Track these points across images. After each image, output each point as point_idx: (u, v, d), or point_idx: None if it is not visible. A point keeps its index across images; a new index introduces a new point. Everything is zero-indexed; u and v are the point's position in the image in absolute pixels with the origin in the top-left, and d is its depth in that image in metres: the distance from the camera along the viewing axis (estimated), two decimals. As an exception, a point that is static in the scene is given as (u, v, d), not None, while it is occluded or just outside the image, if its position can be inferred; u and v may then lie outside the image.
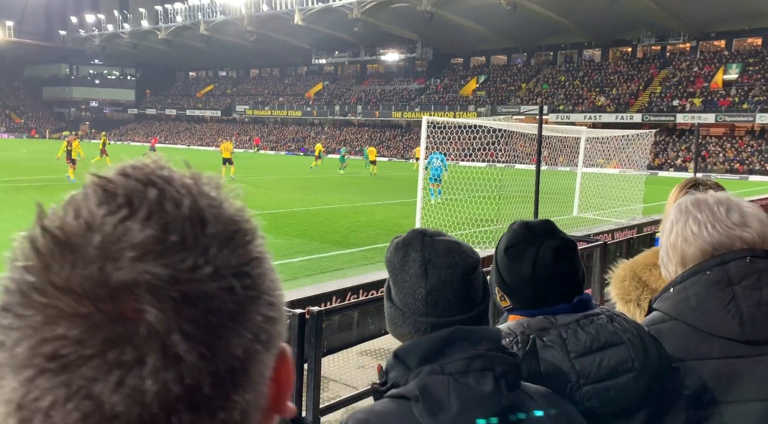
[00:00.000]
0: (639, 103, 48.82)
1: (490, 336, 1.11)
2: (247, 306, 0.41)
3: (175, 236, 0.39)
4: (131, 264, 0.37)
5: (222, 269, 0.40)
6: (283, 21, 60.13)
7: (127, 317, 0.37)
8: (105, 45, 79.88)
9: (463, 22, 51.92)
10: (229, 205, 0.44)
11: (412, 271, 1.13)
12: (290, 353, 0.47)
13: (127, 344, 0.37)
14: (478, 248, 11.35)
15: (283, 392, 0.46)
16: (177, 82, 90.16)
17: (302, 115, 68.55)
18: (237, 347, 0.40)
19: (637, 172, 18.65)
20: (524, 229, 1.43)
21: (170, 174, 0.42)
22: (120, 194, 0.40)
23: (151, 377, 0.37)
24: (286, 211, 15.95)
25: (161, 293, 0.37)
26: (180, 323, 0.38)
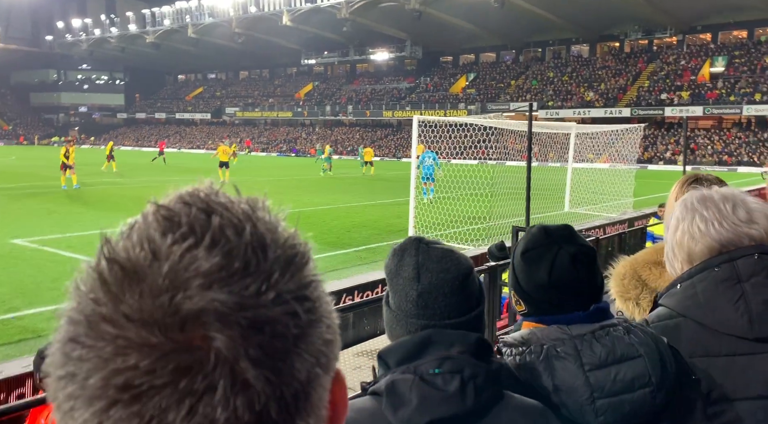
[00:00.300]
0: (627, 98, 49.13)
1: (464, 340, 1.13)
2: (308, 330, 0.41)
3: (239, 262, 0.40)
4: (200, 293, 0.38)
5: (284, 293, 0.40)
6: (272, 22, 60.02)
7: (197, 345, 0.37)
8: (92, 49, 79.37)
9: (451, 20, 52.04)
10: (284, 229, 0.44)
11: (406, 274, 1.18)
12: (344, 375, 0.47)
13: (197, 372, 0.37)
14: (470, 245, 11.43)
15: (339, 415, 0.46)
16: (166, 85, 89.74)
17: (293, 115, 68.45)
18: (301, 372, 0.40)
19: (627, 166, 18.77)
20: (542, 233, 1.42)
21: (227, 201, 0.43)
22: (183, 223, 0.41)
23: (221, 404, 0.37)
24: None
25: (228, 319, 0.38)
26: (247, 349, 0.38)
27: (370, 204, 18.32)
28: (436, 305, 1.15)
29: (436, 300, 1.15)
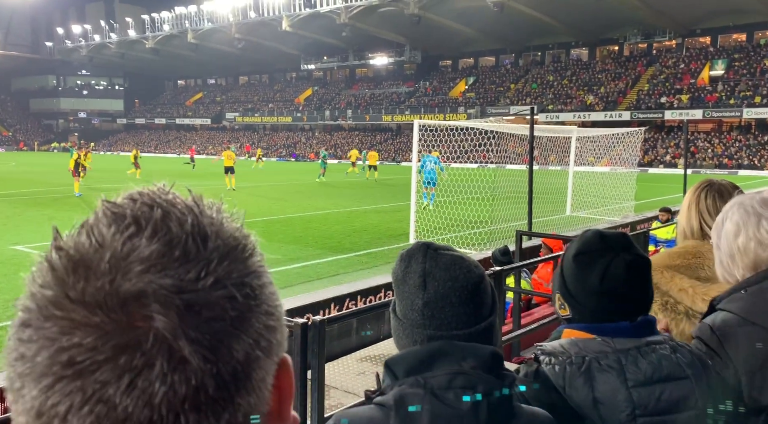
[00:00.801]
0: (627, 101, 49.15)
1: (479, 353, 1.09)
2: (247, 314, 0.44)
3: (179, 250, 0.42)
4: (139, 276, 0.41)
5: (223, 279, 0.43)
6: (271, 27, 60.14)
7: (137, 325, 0.40)
8: (92, 55, 79.52)
9: (450, 24, 52.13)
10: (229, 224, 0.47)
11: (412, 282, 1.13)
12: (291, 362, 0.50)
13: (136, 349, 0.39)
14: (472, 249, 11.35)
15: (285, 400, 0.49)
16: (166, 90, 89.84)
17: (292, 120, 68.49)
18: (238, 352, 0.43)
19: (628, 169, 18.74)
20: (598, 237, 1.36)
21: (173, 197, 0.46)
22: (128, 215, 0.44)
23: (159, 379, 0.39)
24: (280, 217, 15.91)
25: (167, 301, 0.40)
26: (185, 329, 0.40)
27: (371, 209, 18.25)
28: (442, 315, 1.10)
29: (443, 310, 1.10)
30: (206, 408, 0.41)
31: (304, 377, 2.61)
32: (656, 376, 1.23)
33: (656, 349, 1.27)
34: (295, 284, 8.99)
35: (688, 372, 1.24)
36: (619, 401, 1.21)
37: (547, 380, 1.28)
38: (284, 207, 18.16)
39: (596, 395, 1.22)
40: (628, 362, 1.24)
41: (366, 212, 17.54)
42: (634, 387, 1.22)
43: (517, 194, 16.10)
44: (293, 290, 8.35)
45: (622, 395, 1.22)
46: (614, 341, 1.28)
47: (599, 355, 1.26)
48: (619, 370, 1.23)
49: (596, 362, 1.25)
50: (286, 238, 12.78)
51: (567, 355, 1.28)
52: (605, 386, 1.23)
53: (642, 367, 1.24)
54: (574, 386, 1.24)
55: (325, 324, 2.55)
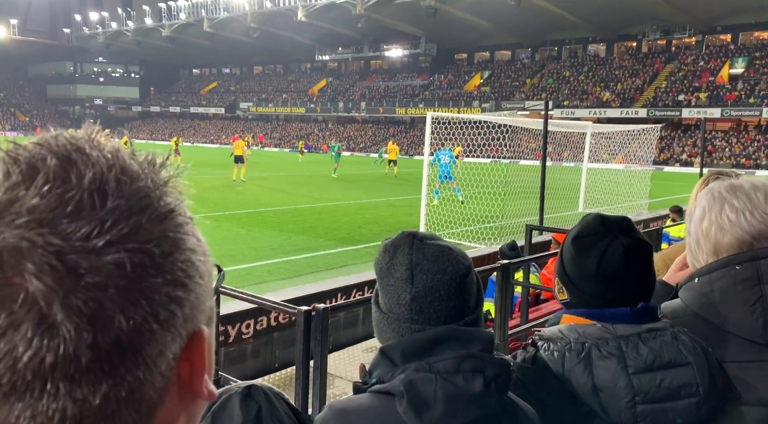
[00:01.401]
0: (644, 98, 48.59)
1: (483, 337, 1.07)
2: (141, 283, 0.40)
3: (71, 206, 0.39)
4: (16, 229, 0.37)
5: (116, 243, 0.39)
6: (287, 17, 60.05)
7: (7, 283, 0.37)
8: (109, 43, 79.97)
9: (467, 17, 51.74)
10: (150, 182, 0.43)
11: (398, 275, 1.09)
12: (207, 334, 0.47)
13: (2, 309, 0.37)
14: (483, 244, 11.29)
15: (197, 374, 0.46)
16: (181, 79, 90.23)
17: (306, 111, 68.52)
18: (124, 323, 0.39)
19: (643, 167, 18.56)
20: (598, 221, 1.34)
21: (86, 145, 0.42)
22: (22, 162, 0.40)
23: (23, 343, 0.37)
24: (290, 208, 15.94)
25: (42, 261, 0.37)
26: (61, 294, 0.37)
27: (381, 201, 18.23)
28: (431, 309, 1.06)
29: (431, 304, 1.06)
30: (80, 378, 0.38)
31: (307, 365, 2.58)
32: (657, 363, 1.21)
33: (657, 335, 1.24)
34: (303, 274, 9.01)
35: (690, 359, 1.22)
36: (619, 388, 1.19)
37: (545, 366, 1.26)
38: (295, 198, 18.19)
39: (596, 382, 1.20)
40: (628, 348, 1.22)
41: (376, 204, 17.52)
42: (634, 374, 1.20)
43: (529, 190, 15.98)
44: (301, 280, 8.37)
45: (623, 382, 1.19)
46: (615, 328, 1.25)
47: (599, 341, 1.23)
48: (620, 356, 1.21)
49: (596, 348, 1.22)
50: (295, 228, 12.81)
51: (566, 341, 1.25)
52: (605, 373, 1.20)
53: (643, 353, 1.21)
54: (574, 372, 1.22)
55: (328, 312, 2.52)
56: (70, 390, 0.38)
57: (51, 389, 0.38)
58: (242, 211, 14.71)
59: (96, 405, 0.39)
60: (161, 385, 0.43)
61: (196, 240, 0.46)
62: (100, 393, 0.39)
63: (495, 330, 4.57)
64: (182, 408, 0.46)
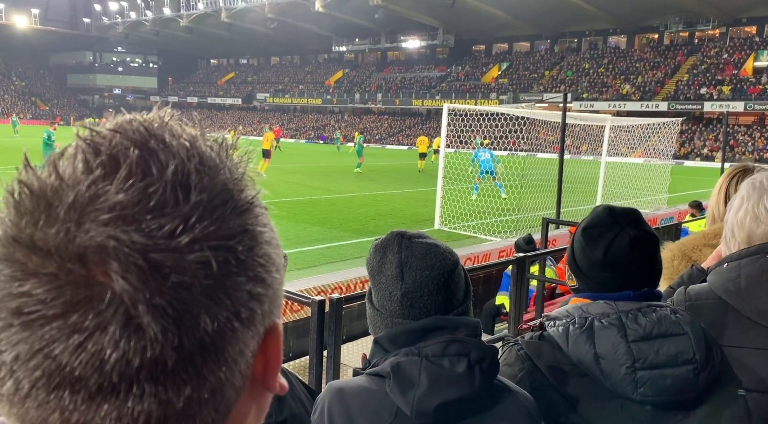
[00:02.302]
0: (665, 91, 47.83)
1: (469, 324, 1.14)
2: (225, 282, 0.39)
3: (154, 200, 0.38)
4: (101, 227, 0.36)
5: (201, 240, 0.38)
6: (304, 8, 59.92)
7: (93, 282, 0.36)
8: (128, 32, 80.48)
9: (485, 8, 51.22)
10: (228, 172, 0.42)
11: (389, 273, 1.15)
12: (281, 329, 0.46)
13: (89, 309, 0.36)
14: (498, 237, 11.22)
15: (271, 369, 0.45)
16: (198, 69, 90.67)
17: (322, 103, 68.51)
18: (209, 324, 0.38)
19: (663, 161, 18.31)
20: (607, 213, 1.40)
21: (167, 133, 0.41)
22: (104, 152, 0.39)
23: (111, 345, 0.36)
24: (306, 198, 15.97)
25: (128, 260, 0.36)
26: (146, 294, 0.36)
27: (397, 193, 18.20)
28: (420, 304, 1.14)
29: (421, 299, 1.13)
30: (165, 380, 0.38)
31: (320, 355, 2.58)
32: (655, 332, 1.27)
33: (657, 309, 1.31)
34: (318, 265, 9.02)
35: (686, 329, 1.27)
36: (619, 354, 1.25)
37: (551, 341, 1.32)
38: (310, 189, 18.22)
39: (597, 350, 1.26)
40: (628, 319, 1.28)
41: (392, 195, 17.49)
42: (633, 342, 1.26)
43: (547, 183, 15.84)
44: (316, 270, 8.38)
45: (622, 349, 1.25)
46: (617, 304, 1.32)
47: (601, 315, 1.30)
48: (620, 326, 1.27)
49: (598, 320, 1.29)
50: (311, 219, 12.83)
51: (571, 317, 1.32)
52: (606, 341, 1.26)
53: (642, 323, 1.27)
54: (577, 343, 1.28)
55: (342, 302, 2.50)
56: (155, 392, 0.38)
57: (137, 391, 0.37)
58: (258, 201, 14.74)
59: (180, 407, 0.39)
60: (240, 383, 0.43)
61: (270, 231, 0.44)
62: (184, 395, 0.39)
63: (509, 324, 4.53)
64: (253, 402, 0.46)
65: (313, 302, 2.53)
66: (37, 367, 0.36)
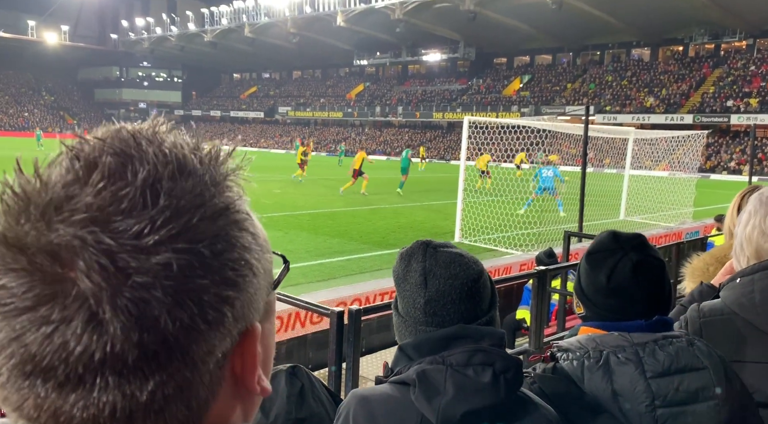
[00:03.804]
0: (690, 104, 47.18)
1: (494, 334, 1.14)
2: (188, 284, 0.40)
3: (122, 204, 0.39)
4: (70, 227, 0.38)
5: (165, 243, 0.39)
6: (326, 22, 60.63)
7: (61, 279, 0.38)
8: (153, 47, 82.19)
9: (506, 21, 51.25)
10: (207, 179, 0.43)
11: (413, 280, 1.16)
12: (259, 332, 0.46)
13: (56, 303, 0.38)
14: (519, 250, 11.10)
15: (249, 370, 0.46)
16: (222, 84, 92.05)
17: (343, 116, 68.96)
18: (170, 323, 0.39)
19: (688, 174, 18.02)
20: (611, 238, 1.40)
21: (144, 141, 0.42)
22: (83, 158, 0.41)
23: (74, 338, 0.37)
24: (326, 211, 16.01)
25: (93, 260, 0.38)
26: (109, 293, 0.38)
27: (417, 205, 18.16)
28: (444, 312, 1.14)
29: (444, 307, 1.14)
30: (128, 374, 0.39)
31: (339, 367, 2.55)
32: (674, 367, 1.23)
33: (673, 342, 1.28)
34: (337, 277, 9.01)
35: (706, 363, 1.24)
36: (638, 392, 1.22)
37: (565, 375, 1.29)
38: (331, 201, 18.27)
39: (615, 387, 1.23)
40: (645, 354, 1.25)
41: (412, 208, 17.45)
42: (652, 378, 1.23)
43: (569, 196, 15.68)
44: (335, 282, 8.37)
45: (641, 386, 1.22)
46: (631, 336, 1.29)
47: (616, 348, 1.26)
48: (637, 362, 1.24)
49: (614, 355, 1.25)
50: (331, 231, 12.84)
51: (584, 350, 1.29)
52: (624, 378, 1.23)
53: (660, 358, 1.24)
54: (593, 379, 1.24)
55: (361, 314, 2.48)
56: (118, 385, 0.39)
57: (101, 383, 0.38)
58: (279, 213, 14.85)
59: (143, 401, 0.40)
60: (211, 382, 0.43)
61: (251, 237, 0.45)
62: (147, 390, 0.40)
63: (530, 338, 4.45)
64: (237, 402, 0.47)
65: (333, 312, 2.51)
66: (12, 355, 0.38)
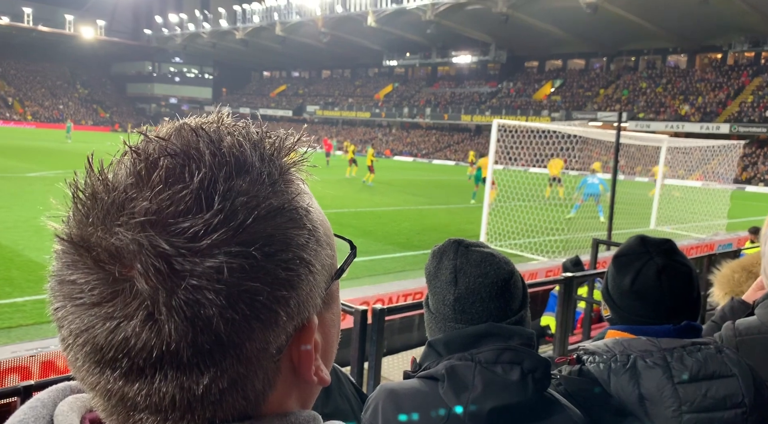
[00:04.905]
0: (727, 113, 46.02)
1: (523, 333, 1.15)
2: (240, 286, 0.41)
3: (179, 207, 0.40)
4: (126, 231, 0.39)
5: (219, 246, 0.40)
6: (357, 23, 60.78)
7: (122, 279, 0.40)
8: (186, 44, 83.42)
9: (539, 24, 50.70)
10: (264, 176, 0.44)
11: (444, 277, 1.19)
12: (315, 325, 0.48)
13: (118, 302, 0.40)
14: (546, 257, 10.90)
15: (305, 361, 0.47)
16: (252, 81, 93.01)
17: (371, 116, 69.03)
18: (222, 324, 0.40)
19: (722, 185, 17.55)
20: (638, 242, 1.41)
21: (203, 142, 0.43)
22: (143, 159, 0.42)
23: (134, 335, 0.40)
24: (351, 211, 15.98)
25: (149, 263, 0.39)
26: (164, 294, 0.39)
27: (442, 208, 18.03)
28: (473, 310, 1.16)
29: (473, 305, 1.16)
30: (184, 369, 0.41)
31: (362, 366, 2.48)
32: (702, 373, 1.23)
33: (701, 348, 1.27)
34: (361, 277, 8.95)
35: (734, 370, 1.24)
36: (665, 397, 1.22)
37: (591, 377, 1.29)
38: (356, 201, 18.25)
39: (642, 391, 1.23)
40: (673, 359, 1.25)
41: (437, 211, 17.33)
42: (680, 383, 1.22)
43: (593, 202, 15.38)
44: (359, 282, 8.32)
45: (668, 391, 1.22)
46: (659, 341, 1.28)
47: (644, 353, 1.26)
48: (665, 367, 1.24)
49: (641, 359, 1.25)
50: (355, 231, 12.80)
51: (611, 353, 1.29)
52: (651, 382, 1.23)
53: (688, 364, 1.24)
54: (619, 382, 1.24)
55: (384, 313, 2.40)
56: (176, 378, 0.41)
57: (160, 376, 0.41)
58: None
59: (200, 393, 0.42)
60: (266, 374, 0.45)
61: (308, 233, 0.46)
62: (203, 383, 0.41)
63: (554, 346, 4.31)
64: (295, 391, 0.48)
65: (356, 311, 2.44)
66: (85, 343, 0.41)
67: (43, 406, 0.47)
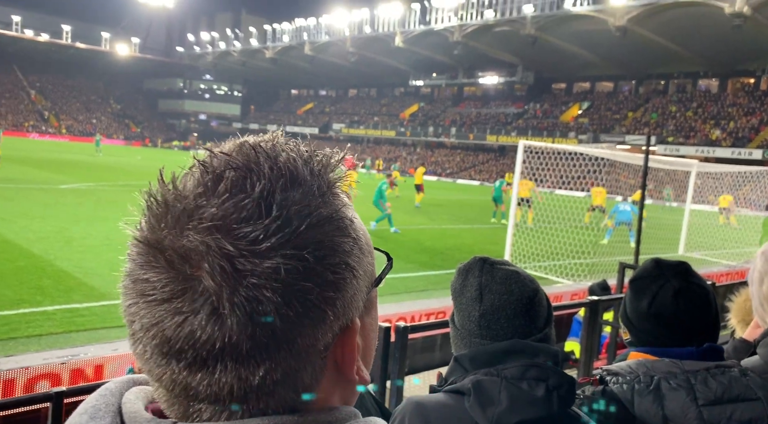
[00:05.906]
0: (760, 139, 45.09)
1: (549, 351, 1.15)
2: (294, 286, 0.45)
3: (244, 213, 0.45)
4: (196, 235, 0.44)
5: (276, 249, 0.45)
6: (384, 43, 61.44)
7: (191, 277, 0.44)
8: (217, 62, 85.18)
9: (567, 46, 50.62)
10: (314, 188, 0.49)
11: (469, 294, 1.21)
12: (358, 326, 0.52)
13: (187, 298, 0.44)
14: (571, 280, 10.74)
15: (348, 361, 0.51)
16: (280, 99, 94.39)
17: (396, 135, 69.36)
18: (279, 320, 0.45)
19: (755, 212, 17.16)
20: (653, 265, 1.42)
21: (262, 157, 0.49)
22: (210, 172, 0.47)
23: (200, 328, 0.44)
24: (372, 229, 16.00)
25: (216, 262, 0.44)
26: (228, 291, 0.44)
27: (465, 228, 17.94)
28: (498, 326, 1.17)
29: (498, 321, 1.17)
30: (243, 361, 0.45)
31: (384, 383, 2.47)
32: (726, 396, 1.22)
33: (726, 371, 1.27)
34: (383, 295, 8.91)
35: (760, 394, 1.24)
36: (689, 419, 1.21)
37: (614, 398, 1.29)
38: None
39: (666, 412, 1.23)
40: (697, 381, 1.25)
41: (460, 230, 17.25)
42: (704, 406, 1.22)
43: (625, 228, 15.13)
44: (381, 300, 8.29)
45: (693, 413, 1.21)
46: (683, 363, 1.29)
47: (668, 375, 1.27)
48: (689, 388, 1.24)
49: (665, 381, 1.26)
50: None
51: (635, 374, 1.30)
52: (675, 403, 1.23)
53: (712, 387, 1.24)
54: (643, 403, 1.25)
55: (408, 331, 2.39)
56: (235, 369, 0.45)
57: (221, 367, 0.45)
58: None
59: (256, 384, 0.46)
60: (314, 370, 0.49)
61: (353, 242, 0.50)
62: (259, 375, 0.46)
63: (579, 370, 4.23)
64: (338, 388, 0.52)
65: (379, 328, 2.43)
66: (154, 336, 0.46)
67: (112, 394, 0.52)
